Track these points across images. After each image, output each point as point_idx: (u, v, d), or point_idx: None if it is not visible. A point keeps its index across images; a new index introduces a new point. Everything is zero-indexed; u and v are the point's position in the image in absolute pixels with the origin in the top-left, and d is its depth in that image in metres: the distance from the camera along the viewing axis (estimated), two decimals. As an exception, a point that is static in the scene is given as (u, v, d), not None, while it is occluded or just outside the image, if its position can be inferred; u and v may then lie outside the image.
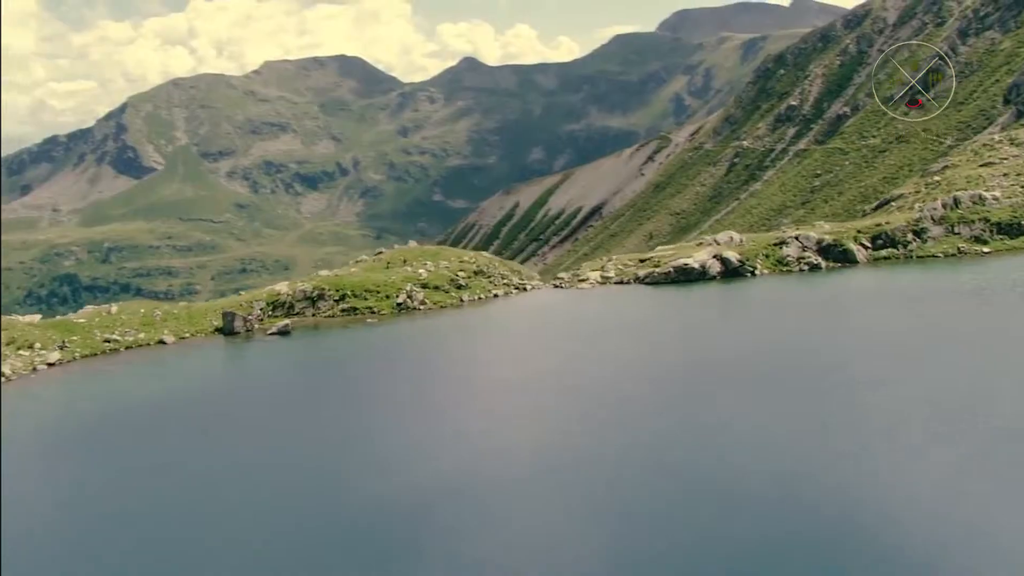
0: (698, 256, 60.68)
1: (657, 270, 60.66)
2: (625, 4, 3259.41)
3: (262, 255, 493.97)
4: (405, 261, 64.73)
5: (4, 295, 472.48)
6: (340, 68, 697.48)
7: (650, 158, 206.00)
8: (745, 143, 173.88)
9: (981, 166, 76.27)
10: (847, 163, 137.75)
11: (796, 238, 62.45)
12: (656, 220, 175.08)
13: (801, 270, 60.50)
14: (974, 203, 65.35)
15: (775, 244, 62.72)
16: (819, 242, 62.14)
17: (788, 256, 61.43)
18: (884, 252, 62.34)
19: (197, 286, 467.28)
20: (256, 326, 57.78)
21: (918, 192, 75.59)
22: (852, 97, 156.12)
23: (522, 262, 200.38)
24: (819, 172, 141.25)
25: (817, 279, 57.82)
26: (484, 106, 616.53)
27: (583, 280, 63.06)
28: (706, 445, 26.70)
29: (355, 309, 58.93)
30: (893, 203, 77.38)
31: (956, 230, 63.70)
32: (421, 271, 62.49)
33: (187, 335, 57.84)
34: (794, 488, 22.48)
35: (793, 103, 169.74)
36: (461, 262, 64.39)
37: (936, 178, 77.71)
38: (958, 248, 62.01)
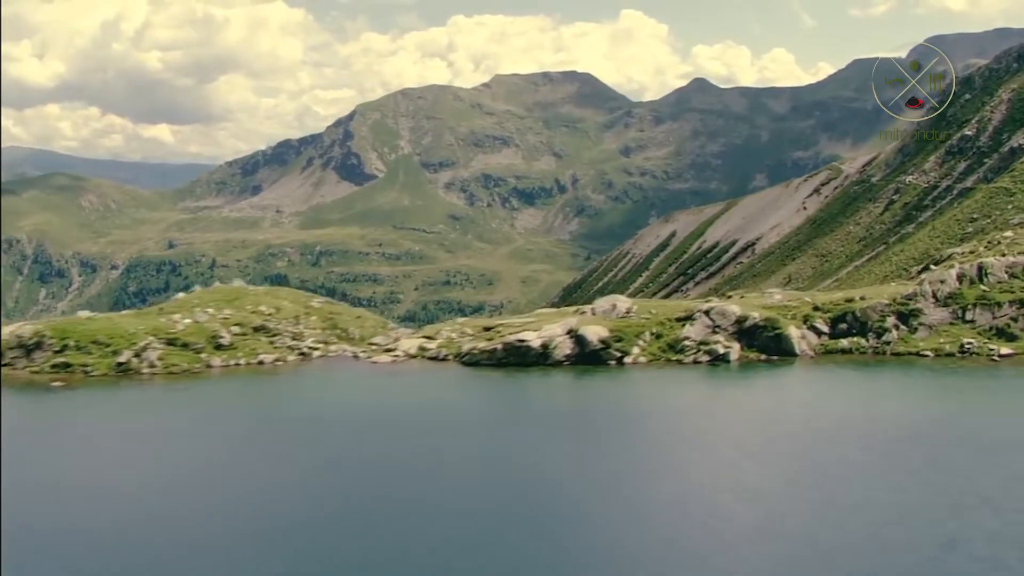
0: (547, 330, 41.94)
1: (481, 346, 42.38)
2: (884, 29, 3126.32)
3: (468, 268, 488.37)
4: (161, 310, 48.92)
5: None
6: (569, 84, 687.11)
7: (816, 190, 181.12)
8: (909, 178, 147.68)
9: (1073, 221, 53.16)
10: (1010, 207, 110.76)
11: (707, 313, 42.38)
12: (800, 261, 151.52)
13: (697, 362, 40.67)
14: (1011, 276, 43.34)
15: (679, 319, 42.90)
16: (740, 321, 41.94)
17: (686, 339, 41.71)
18: (844, 342, 41.57)
19: (400, 295, 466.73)
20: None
21: (973, 253, 53.40)
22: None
23: (665, 297, 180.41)
24: (975, 216, 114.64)
25: (689, 382, 38.22)
26: (710, 128, 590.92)
27: (389, 350, 45.24)
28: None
29: (68, 365, 43.78)
30: (936, 267, 55.36)
31: (969, 316, 42.00)
32: (186, 321, 46.38)
33: None
34: None
35: (968, 133, 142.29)
36: (252, 313, 47.94)
37: (1007, 234, 55.08)
38: (962, 345, 40.46)
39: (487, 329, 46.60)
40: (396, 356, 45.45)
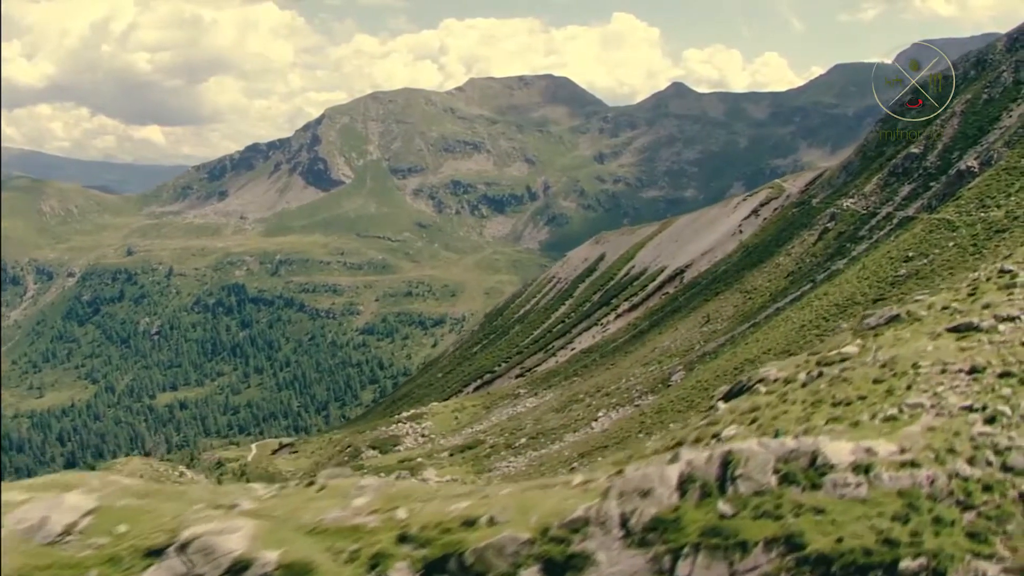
0: None
1: None
2: (874, 34, 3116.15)
3: (431, 278, 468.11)
4: None
5: (174, 300, 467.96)
6: (545, 88, 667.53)
7: (755, 211, 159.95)
8: (848, 202, 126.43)
9: (951, 331, 31.03)
10: (951, 244, 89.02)
11: (183, 549, 20.71)
12: (723, 297, 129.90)
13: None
14: (784, 480, 21.90)
15: (149, 553, 21.47)
16: (238, 569, 20.19)
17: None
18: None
19: (360, 306, 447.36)
20: None
21: (790, 382, 32.09)
22: (989, 146, 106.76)
23: (587, 329, 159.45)
24: (911, 255, 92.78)
25: None
26: (687, 135, 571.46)
27: None
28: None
29: None
30: (745, 396, 34.45)
31: (683, 569, 20.94)
32: None
33: None
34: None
35: (915, 150, 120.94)
36: None
37: (848, 349, 34.00)
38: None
39: None
40: None
